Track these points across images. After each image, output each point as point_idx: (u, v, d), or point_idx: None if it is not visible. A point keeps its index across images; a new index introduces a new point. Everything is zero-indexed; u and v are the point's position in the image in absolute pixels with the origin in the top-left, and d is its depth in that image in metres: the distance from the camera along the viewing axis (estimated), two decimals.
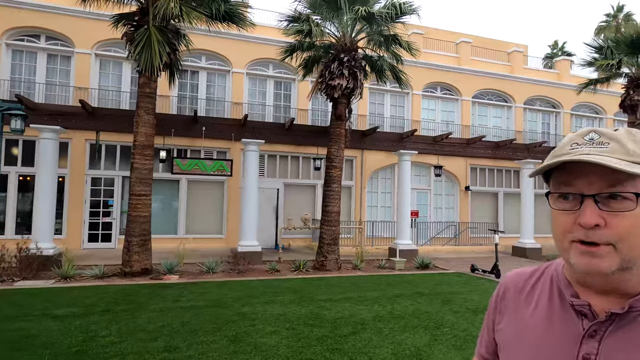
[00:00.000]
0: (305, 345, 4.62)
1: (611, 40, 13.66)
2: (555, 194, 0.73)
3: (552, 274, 0.85)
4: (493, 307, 0.93)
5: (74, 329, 5.08)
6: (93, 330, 5.02)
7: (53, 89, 12.87)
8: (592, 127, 0.70)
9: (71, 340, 4.65)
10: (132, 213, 8.94)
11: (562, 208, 0.72)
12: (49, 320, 5.44)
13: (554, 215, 0.74)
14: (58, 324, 5.25)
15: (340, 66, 9.80)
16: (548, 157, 0.76)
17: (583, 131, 0.75)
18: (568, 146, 0.73)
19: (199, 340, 4.72)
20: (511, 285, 0.90)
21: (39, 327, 5.10)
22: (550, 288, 0.83)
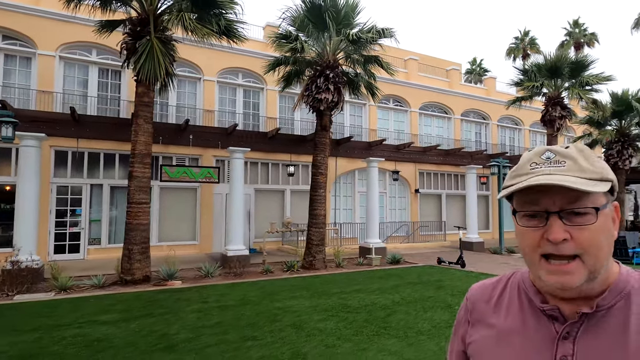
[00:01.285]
0: (360, 327, 5.47)
1: (535, 65, 16.21)
2: (521, 212, 0.76)
3: (518, 283, 0.88)
4: (463, 320, 0.96)
5: (138, 330, 5.37)
6: (158, 330, 5.36)
7: (11, 92, 12.06)
8: (545, 145, 0.83)
9: (148, 339, 4.99)
10: (132, 221, 8.98)
11: (529, 225, 0.75)
12: (99, 325, 5.61)
13: (522, 232, 0.77)
14: (115, 328, 5.48)
15: (326, 81, 10.73)
16: (509, 177, 0.80)
17: (539, 150, 0.79)
18: (528, 166, 0.77)
19: (267, 330, 5.33)
20: (478, 298, 0.93)
21: (98, 332, 5.30)
22: (519, 296, 0.86)
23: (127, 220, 9.12)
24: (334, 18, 10.36)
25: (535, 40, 36.64)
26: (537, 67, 16.24)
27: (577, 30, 33.65)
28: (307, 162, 15.67)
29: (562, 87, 16.18)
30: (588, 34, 33.31)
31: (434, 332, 5.26)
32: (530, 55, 37.04)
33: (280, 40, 10.70)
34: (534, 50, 36.65)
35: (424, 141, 19.05)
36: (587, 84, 15.78)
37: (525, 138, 23.21)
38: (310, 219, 11.15)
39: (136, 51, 8.69)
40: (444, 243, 17.65)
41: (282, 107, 16.17)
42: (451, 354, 0.99)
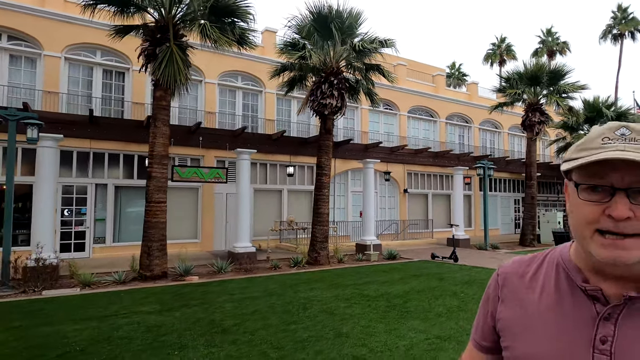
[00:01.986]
0: (384, 312, 6.17)
1: (516, 73, 17.36)
2: (584, 185, 0.74)
3: (556, 261, 0.87)
4: (492, 296, 0.94)
5: (185, 318, 5.88)
6: (204, 318, 5.89)
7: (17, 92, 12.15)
8: (621, 122, 0.77)
9: (200, 325, 5.52)
10: (151, 219, 9.38)
11: (590, 199, 0.73)
12: (146, 314, 6.09)
13: (578, 204, 0.75)
14: (162, 317, 5.97)
15: (331, 88, 11.38)
16: (574, 150, 0.77)
17: (613, 125, 0.76)
18: (599, 140, 0.74)
19: (303, 316, 5.95)
20: (512, 273, 0.91)
21: (149, 320, 5.78)
22: (557, 274, 0.84)
23: (145, 218, 9.51)
24: (339, 28, 11.03)
25: (511, 47, 38.39)
26: (518, 75, 17.41)
27: (550, 38, 35.54)
28: (304, 162, 16.29)
29: (541, 94, 17.41)
30: (560, 42, 35.24)
31: (449, 314, 6.01)
32: (507, 61, 38.86)
33: (289, 48, 11.29)
34: (509, 57, 38.44)
35: (412, 143, 19.98)
36: (563, 92, 17.05)
37: (504, 141, 24.55)
38: (315, 218, 11.78)
39: (156, 57, 9.09)
40: (431, 240, 18.62)
41: (279, 110, 16.73)
42: (477, 328, 0.97)
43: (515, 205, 24.42)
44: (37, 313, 6.30)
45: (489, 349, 0.94)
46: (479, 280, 8.91)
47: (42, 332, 5.24)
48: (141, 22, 10.01)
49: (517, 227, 24.15)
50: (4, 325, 5.59)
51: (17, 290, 7.99)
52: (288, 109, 17.04)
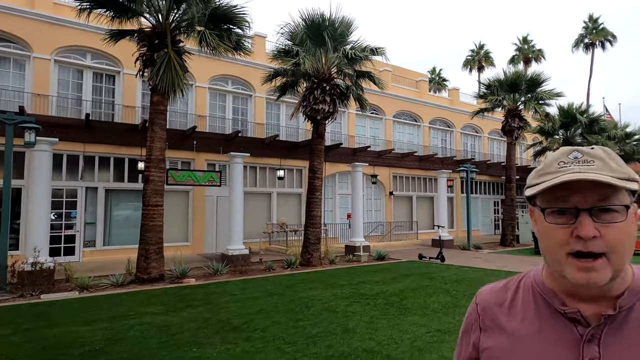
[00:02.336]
0: (383, 309, 6.51)
1: (497, 81, 18.09)
2: (550, 209, 0.76)
3: (532, 286, 0.87)
4: (473, 326, 0.94)
5: (193, 318, 6.07)
6: (211, 318, 6.09)
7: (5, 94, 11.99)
8: (568, 146, 0.82)
9: (210, 324, 5.72)
10: (148, 223, 9.48)
11: (557, 222, 0.75)
12: (154, 315, 6.24)
13: (548, 229, 0.77)
14: (170, 317, 6.13)
15: (323, 93, 11.71)
16: (535, 176, 0.81)
17: (565, 150, 0.80)
18: (555, 164, 0.78)
19: (308, 314, 6.23)
20: (490, 302, 0.92)
21: (158, 320, 5.94)
22: (534, 299, 0.85)
23: (142, 221, 9.60)
24: (332, 36, 11.38)
25: (489, 54, 39.67)
26: (499, 82, 18.16)
27: (526, 46, 36.91)
28: (293, 166, 16.56)
29: (520, 100, 18.20)
30: (536, 50, 36.65)
31: (445, 310, 6.40)
32: (485, 67, 40.13)
33: (282, 55, 11.56)
34: (488, 63, 39.71)
35: (397, 147, 20.50)
36: (541, 99, 17.88)
37: (484, 145, 25.41)
38: (308, 220, 12.07)
39: (154, 63, 9.21)
40: (416, 241, 19.15)
41: (269, 114, 16.95)
42: (458, 358, 0.98)
43: (495, 207, 25.29)
44: (42, 316, 6.36)
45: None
46: (467, 278, 9.37)
47: (53, 334, 5.34)
48: (137, 27, 10.11)
49: (497, 227, 25.01)
50: (12, 328, 5.65)
51: (14, 294, 7.97)
52: (277, 112, 17.28)
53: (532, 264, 12.11)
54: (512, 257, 13.79)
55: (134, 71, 13.70)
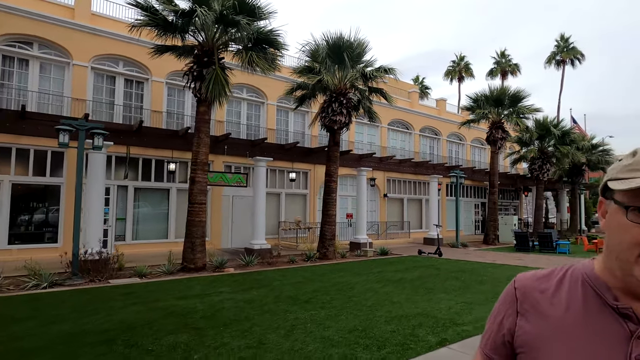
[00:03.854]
0: (412, 290, 8.08)
1: (483, 95, 20.11)
2: (633, 207, 0.74)
3: (581, 278, 0.86)
4: (509, 310, 0.92)
5: (263, 296, 7.45)
6: (280, 295, 7.49)
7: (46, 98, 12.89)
8: None
9: (281, 299, 7.13)
10: (194, 219, 10.72)
11: (639, 221, 0.73)
12: (229, 294, 7.57)
13: (627, 227, 0.75)
14: (243, 295, 7.49)
15: (340, 106, 13.24)
16: (622, 171, 0.78)
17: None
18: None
19: (355, 292, 7.72)
20: (531, 288, 0.90)
21: (236, 297, 7.28)
22: (583, 290, 0.84)
23: (188, 218, 10.82)
24: (350, 56, 12.92)
25: (469, 65, 42.21)
26: (485, 97, 20.19)
27: (504, 60, 39.62)
28: (299, 169, 17.98)
29: (503, 114, 20.28)
30: (512, 64, 39.40)
31: (462, 290, 8.05)
32: (465, 77, 42.66)
33: (307, 72, 13.04)
34: (468, 74, 42.25)
35: (390, 152, 22.24)
36: (522, 113, 20.02)
37: (467, 151, 27.57)
38: (324, 218, 13.55)
39: (203, 78, 10.48)
40: (408, 240, 20.95)
41: (278, 120, 18.31)
42: (487, 341, 0.95)
43: (476, 209, 27.47)
44: (133, 295, 7.57)
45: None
46: (467, 269, 11.10)
47: (164, 306, 6.62)
48: (180, 43, 11.31)
49: (477, 228, 27.22)
50: (122, 302, 6.88)
51: (84, 279, 9.08)
52: (286, 119, 18.67)
53: (516, 258, 14.06)
54: (498, 254, 15.71)
55: (161, 79, 14.92)
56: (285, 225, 14.59)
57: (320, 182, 19.03)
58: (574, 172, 26.30)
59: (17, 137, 11.79)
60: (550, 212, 32.14)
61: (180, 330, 5.25)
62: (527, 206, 31.62)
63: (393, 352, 4.50)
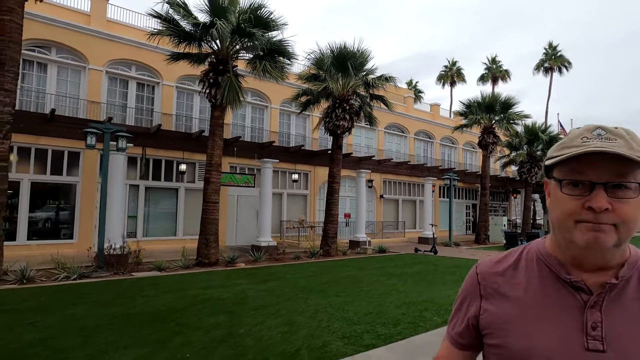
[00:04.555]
0: (414, 282, 8.91)
1: (475, 102, 21.10)
2: (566, 180, 0.81)
3: (535, 256, 0.92)
4: (473, 295, 0.96)
5: (281, 286, 8.21)
6: (296, 285, 8.25)
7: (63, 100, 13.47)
8: (598, 124, 0.83)
9: (297, 289, 7.89)
10: (208, 216, 11.43)
11: (572, 193, 0.80)
12: (248, 285, 8.30)
13: (560, 199, 0.82)
14: (265, 286, 8.23)
15: (343, 112, 14.05)
16: (556, 149, 0.85)
17: (589, 127, 0.83)
18: (579, 139, 0.81)
19: (364, 284, 8.51)
20: (491, 273, 0.95)
21: (258, 288, 8.02)
22: (538, 268, 0.90)
23: (203, 216, 11.53)
24: (354, 65, 13.74)
25: (461, 70, 43.36)
26: (477, 103, 21.18)
27: (494, 66, 40.84)
28: (300, 170, 18.74)
29: (494, 119, 21.29)
30: (502, 70, 40.64)
31: (459, 282, 8.82)
32: (457, 82, 43.80)
33: (312, 79, 13.84)
34: (460, 79, 43.40)
35: (386, 155, 23.12)
36: (512, 119, 21.06)
37: (459, 155, 28.60)
38: (327, 217, 14.34)
39: (219, 85, 11.19)
40: (403, 239, 21.84)
41: (281, 123, 19.07)
42: (454, 326, 1.00)
43: (467, 210, 28.50)
44: (159, 285, 8.27)
45: (468, 346, 0.98)
46: (463, 265, 11.98)
47: (193, 294, 7.34)
48: (196, 51, 12.01)
49: (468, 228, 28.25)
50: (154, 291, 7.57)
51: (109, 272, 9.74)
52: (288, 122, 19.43)
53: None
54: (489, 251, 16.65)
55: (171, 83, 15.60)
56: (289, 224, 15.33)
57: (320, 183, 19.85)
58: None
59: (36, 137, 12.37)
60: (537, 213, 33.33)
61: (218, 313, 5.99)
62: (516, 207, 32.79)
63: (406, 328, 5.30)
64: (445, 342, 1.02)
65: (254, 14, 10.70)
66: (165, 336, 4.83)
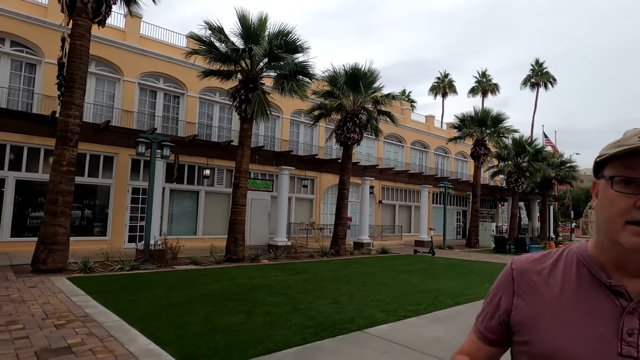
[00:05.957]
0: (423, 276, 10.44)
1: (469, 116, 22.90)
2: (617, 177, 0.78)
3: (576, 258, 0.89)
4: (506, 290, 0.95)
5: (311, 278, 9.64)
6: (325, 277, 9.70)
7: (99, 109, 14.71)
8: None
9: (327, 280, 9.34)
10: (236, 218, 12.81)
11: (625, 191, 0.77)
12: (285, 277, 9.71)
13: (611, 197, 0.79)
14: (299, 277, 9.65)
15: (354, 125, 15.60)
16: (610, 147, 0.82)
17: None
18: (636, 138, 0.78)
19: (380, 277, 10.01)
20: (527, 269, 0.93)
21: (294, 278, 9.44)
22: (577, 270, 0.87)
23: (232, 217, 12.91)
24: (365, 84, 15.31)
25: (452, 82, 45.44)
26: (470, 117, 22.99)
27: (484, 79, 43.01)
28: (308, 176, 20.22)
29: (486, 133, 23.11)
30: (492, 83, 42.82)
31: (460, 277, 10.47)
32: (448, 93, 45.84)
33: (327, 96, 15.38)
34: (451, 91, 45.46)
35: (385, 163, 24.75)
36: (502, 133, 22.91)
37: (451, 164, 30.43)
38: (337, 220, 15.84)
39: (249, 101, 12.61)
40: (400, 242, 23.44)
41: (291, 132, 20.53)
42: (483, 320, 0.99)
43: (457, 216, 30.30)
44: (207, 276, 9.62)
45: (496, 341, 0.96)
46: (459, 264, 13.58)
47: (241, 282, 8.73)
48: (226, 69, 13.42)
49: (458, 233, 30.05)
50: (212, 278, 8.93)
51: (153, 265, 11.03)
52: (298, 131, 20.91)
53: (496, 257, 16.71)
54: (480, 254, 18.36)
55: (195, 94, 16.96)
56: (302, 225, 16.78)
57: (325, 188, 21.36)
58: (544, 185, 29.53)
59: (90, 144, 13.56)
60: (522, 220, 35.37)
61: (275, 295, 7.42)
62: (502, 214, 34.76)
63: (428, 306, 6.83)
64: (472, 336, 1.02)
65: (284, 40, 12.18)
66: (248, 309, 6.26)
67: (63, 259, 9.50)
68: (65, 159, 9.47)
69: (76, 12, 9.73)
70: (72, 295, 6.90)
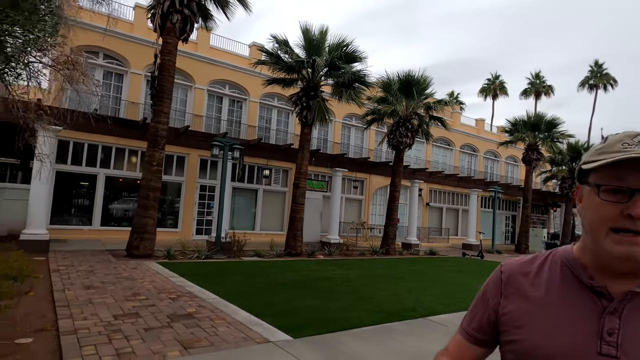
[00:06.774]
0: (472, 276, 10.96)
1: (521, 120, 22.70)
2: (605, 186, 0.79)
3: (560, 260, 0.92)
4: (494, 291, 0.98)
5: (370, 272, 10.47)
6: (379, 273, 10.49)
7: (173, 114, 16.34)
8: (638, 131, 0.82)
9: (381, 275, 10.12)
10: (296, 215, 13.88)
11: (610, 199, 0.78)
12: (342, 271, 10.60)
13: (595, 204, 0.81)
14: (356, 272, 10.50)
15: (406, 130, 16.22)
16: (593, 154, 0.83)
17: (631, 133, 0.82)
18: (619, 145, 0.80)
19: (432, 275, 10.65)
20: (515, 271, 0.97)
21: (353, 273, 10.30)
22: (562, 272, 0.90)
23: (291, 215, 13.99)
24: (417, 90, 15.90)
25: (503, 84, 44.40)
26: (523, 122, 22.78)
27: (538, 81, 41.71)
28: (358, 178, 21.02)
29: (539, 137, 22.82)
30: (546, 85, 41.46)
31: None
32: (499, 95, 44.85)
33: (382, 102, 16.12)
34: (502, 92, 44.44)
35: (433, 167, 25.04)
36: (556, 138, 22.54)
37: (501, 168, 30.06)
38: (388, 221, 16.55)
39: (310, 107, 13.63)
40: (447, 244, 23.68)
41: (343, 135, 21.44)
42: (471, 321, 1.02)
43: (507, 220, 29.89)
44: (273, 267, 10.69)
45: (483, 342, 0.99)
46: None
47: (306, 274, 9.71)
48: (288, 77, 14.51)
49: (507, 238, 29.63)
50: (275, 270, 10.01)
51: (224, 255, 12.30)
52: (348, 134, 21.78)
53: None
54: None
55: (256, 99, 18.23)
56: (352, 225, 17.65)
57: (374, 189, 22.06)
58: None
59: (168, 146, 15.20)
60: (576, 227, 34.13)
61: (338, 284, 8.33)
62: (554, 220, 33.75)
63: None
64: (458, 336, 1.04)
65: (344, 51, 13.08)
66: (321, 294, 7.21)
67: (151, 246, 10.95)
68: (155, 159, 10.91)
69: (166, 31, 11.16)
70: (169, 276, 8.17)
